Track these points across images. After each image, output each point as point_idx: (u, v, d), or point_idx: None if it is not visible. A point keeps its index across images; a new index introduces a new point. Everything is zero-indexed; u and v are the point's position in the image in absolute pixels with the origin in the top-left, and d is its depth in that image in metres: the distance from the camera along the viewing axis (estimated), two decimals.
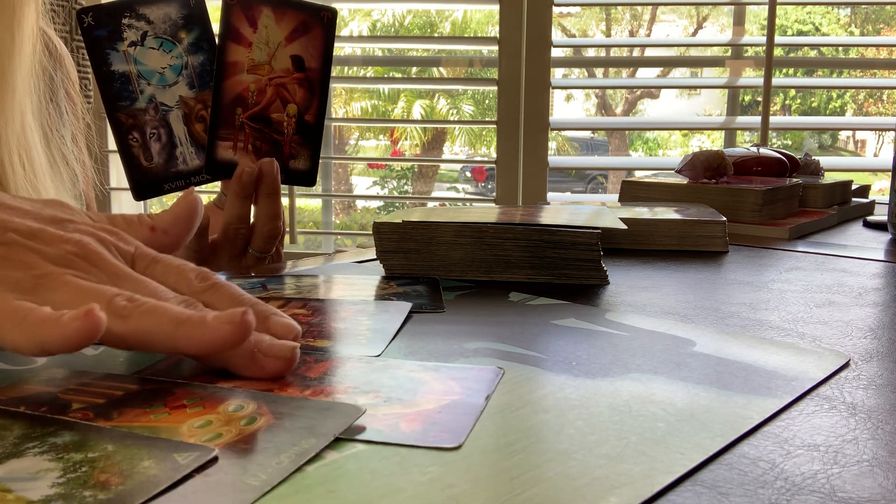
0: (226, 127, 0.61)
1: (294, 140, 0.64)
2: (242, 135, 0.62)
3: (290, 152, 0.64)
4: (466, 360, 0.38)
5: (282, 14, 0.61)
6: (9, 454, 0.26)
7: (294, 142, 0.64)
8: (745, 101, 6.78)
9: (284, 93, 0.62)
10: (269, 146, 0.63)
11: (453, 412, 0.31)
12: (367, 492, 0.25)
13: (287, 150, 0.64)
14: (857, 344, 0.42)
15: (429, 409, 0.32)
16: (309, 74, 0.63)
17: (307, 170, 0.65)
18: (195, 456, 0.26)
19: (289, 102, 0.63)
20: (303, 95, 0.63)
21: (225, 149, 0.61)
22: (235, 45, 0.61)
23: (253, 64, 0.61)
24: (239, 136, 0.62)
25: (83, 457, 0.26)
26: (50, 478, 0.25)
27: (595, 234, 0.54)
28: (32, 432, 0.28)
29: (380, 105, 9.25)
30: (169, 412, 0.30)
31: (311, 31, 0.62)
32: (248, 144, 0.62)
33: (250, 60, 0.61)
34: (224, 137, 0.61)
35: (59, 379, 0.34)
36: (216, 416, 0.30)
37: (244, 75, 0.61)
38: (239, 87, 0.61)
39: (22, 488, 0.24)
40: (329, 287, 0.54)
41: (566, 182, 9.88)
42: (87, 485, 0.24)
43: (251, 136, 0.62)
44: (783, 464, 0.27)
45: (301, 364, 0.36)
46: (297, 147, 0.64)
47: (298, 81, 0.63)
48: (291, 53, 0.62)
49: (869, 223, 0.90)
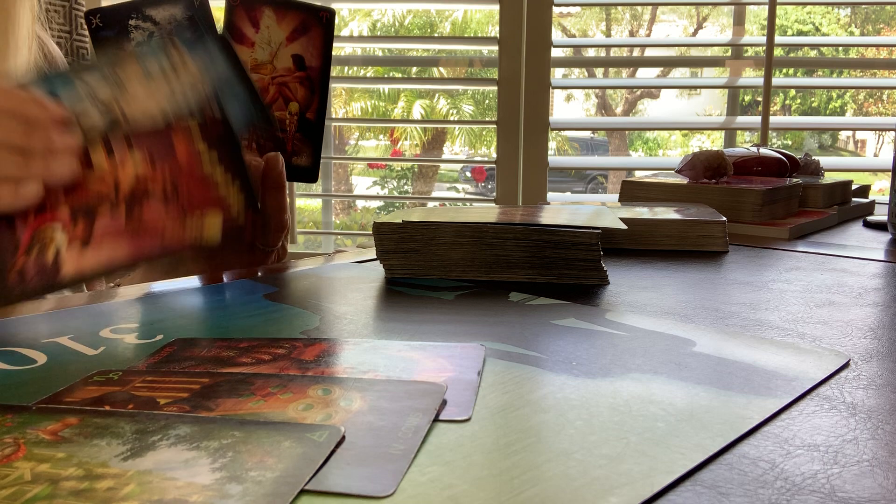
0: None
1: (296, 137, 0.64)
2: None
3: (293, 149, 0.65)
4: None
5: (283, 14, 0.62)
6: (142, 448, 0.27)
7: (296, 139, 0.64)
8: (745, 101, 6.78)
9: (286, 91, 0.63)
10: (272, 144, 0.64)
11: (454, 388, 0.33)
12: None
13: (290, 148, 0.64)
14: (857, 344, 0.42)
15: None
16: (309, 73, 0.64)
17: (309, 166, 0.66)
18: (327, 434, 0.27)
19: (290, 100, 0.64)
20: (304, 93, 0.64)
21: None
22: (239, 44, 0.61)
23: (256, 63, 0.62)
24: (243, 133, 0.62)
25: (219, 444, 0.27)
26: (203, 464, 0.25)
27: (595, 234, 0.54)
28: (146, 428, 0.28)
29: (380, 105, 9.25)
30: (263, 399, 0.31)
31: (311, 30, 0.63)
32: (252, 142, 0.63)
33: (253, 60, 0.62)
34: None
35: (115, 379, 0.34)
36: (313, 400, 0.31)
37: None
38: None
39: (183, 475, 0.25)
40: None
41: (566, 182, 9.88)
42: (246, 467, 0.25)
43: (255, 134, 0.63)
44: (783, 464, 0.27)
45: (293, 349, 0.37)
46: (299, 144, 0.65)
47: (300, 80, 0.64)
48: (292, 53, 0.63)
49: (869, 223, 0.90)
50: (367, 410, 0.30)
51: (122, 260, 0.47)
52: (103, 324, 0.43)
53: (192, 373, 0.35)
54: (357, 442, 0.27)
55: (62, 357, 0.37)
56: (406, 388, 0.32)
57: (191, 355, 0.37)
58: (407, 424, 0.29)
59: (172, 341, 0.40)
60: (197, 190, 0.48)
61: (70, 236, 0.45)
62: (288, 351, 0.37)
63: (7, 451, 0.26)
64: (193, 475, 0.25)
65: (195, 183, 0.48)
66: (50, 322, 0.44)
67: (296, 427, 0.28)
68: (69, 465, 0.25)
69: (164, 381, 0.34)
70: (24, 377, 0.34)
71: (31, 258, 0.45)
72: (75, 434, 0.28)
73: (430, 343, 0.39)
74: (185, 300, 0.50)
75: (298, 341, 0.39)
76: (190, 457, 0.26)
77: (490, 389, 0.34)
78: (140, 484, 0.24)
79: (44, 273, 0.45)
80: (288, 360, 0.36)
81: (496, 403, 0.32)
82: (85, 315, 0.46)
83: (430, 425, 0.29)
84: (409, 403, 0.31)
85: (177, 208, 0.48)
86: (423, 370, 0.35)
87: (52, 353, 0.38)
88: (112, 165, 0.46)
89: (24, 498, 0.23)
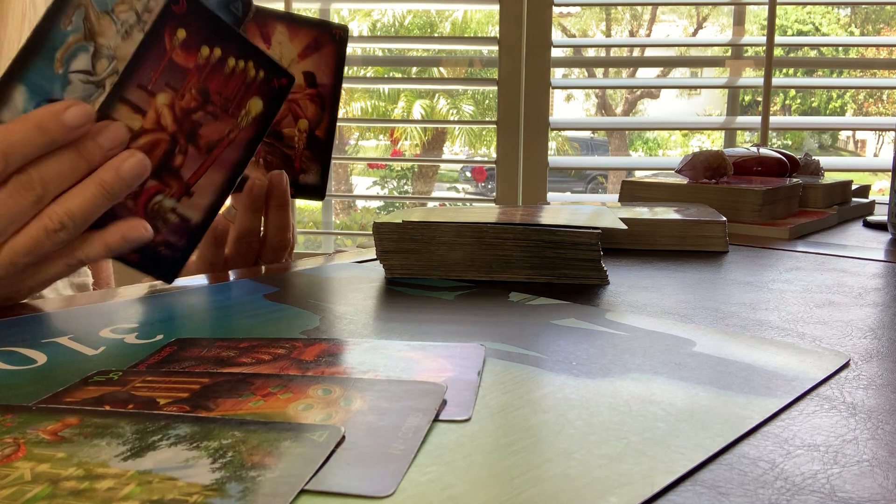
0: None
1: (304, 155, 0.64)
2: None
3: (301, 166, 0.64)
4: None
5: (295, 31, 0.62)
6: (143, 448, 0.27)
7: (304, 156, 0.64)
8: (745, 101, 6.78)
9: (296, 108, 0.63)
10: (280, 160, 0.63)
11: (454, 388, 0.33)
12: None
13: (297, 165, 0.64)
14: (857, 344, 0.42)
15: None
16: (320, 90, 0.63)
17: (316, 184, 0.65)
18: (327, 434, 0.27)
19: (300, 118, 0.63)
20: (314, 111, 0.63)
21: None
22: None
23: None
24: None
25: (218, 444, 0.27)
26: (203, 464, 0.25)
27: (595, 234, 0.54)
28: (146, 427, 0.28)
29: (380, 105, 9.25)
30: (263, 399, 0.31)
31: (324, 48, 0.63)
32: (260, 158, 0.62)
33: None
34: None
35: (115, 379, 0.34)
36: (313, 400, 0.31)
37: None
38: None
39: (183, 475, 0.25)
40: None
41: (566, 182, 9.89)
42: (246, 467, 0.25)
43: (263, 150, 0.62)
44: (783, 464, 0.27)
45: (293, 349, 0.37)
46: (308, 162, 0.64)
47: (310, 97, 0.63)
48: (304, 70, 0.62)
49: (869, 223, 0.90)
50: (367, 410, 0.30)
51: (225, 178, 0.51)
52: (103, 324, 0.43)
53: (192, 373, 0.35)
54: (357, 442, 0.27)
55: (62, 357, 0.37)
56: (406, 388, 0.32)
57: (191, 355, 0.37)
58: (407, 424, 0.29)
59: (172, 341, 0.40)
60: (226, 90, 0.50)
61: (173, 194, 0.50)
62: (288, 351, 0.37)
63: (7, 451, 0.26)
64: (193, 475, 0.25)
65: (219, 84, 0.49)
66: (50, 322, 0.44)
67: (296, 427, 0.28)
68: (69, 465, 0.25)
69: (164, 381, 0.34)
70: (24, 377, 0.34)
71: (165, 233, 0.50)
72: (75, 434, 0.28)
73: (430, 343, 0.39)
74: (186, 300, 0.50)
75: (298, 341, 0.39)
76: (190, 457, 0.26)
77: (490, 389, 0.34)
78: (140, 484, 0.24)
79: (184, 232, 0.50)
80: (288, 360, 0.36)
81: (496, 403, 0.32)
82: (85, 315, 0.46)
83: (430, 425, 0.29)
84: (409, 403, 0.31)
85: (224, 115, 0.50)
86: (423, 370, 0.35)
87: (52, 353, 0.38)
88: (145, 116, 0.48)
89: (24, 498, 0.23)
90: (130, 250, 0.49)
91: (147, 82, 0.47)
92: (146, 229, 0.48)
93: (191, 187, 0.50)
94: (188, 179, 0.50)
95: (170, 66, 0.48)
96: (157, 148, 0.48)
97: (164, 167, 0.49)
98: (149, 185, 0.49)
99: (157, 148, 0.48)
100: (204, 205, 0.51)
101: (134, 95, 0.47)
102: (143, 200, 0.49)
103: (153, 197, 0.49)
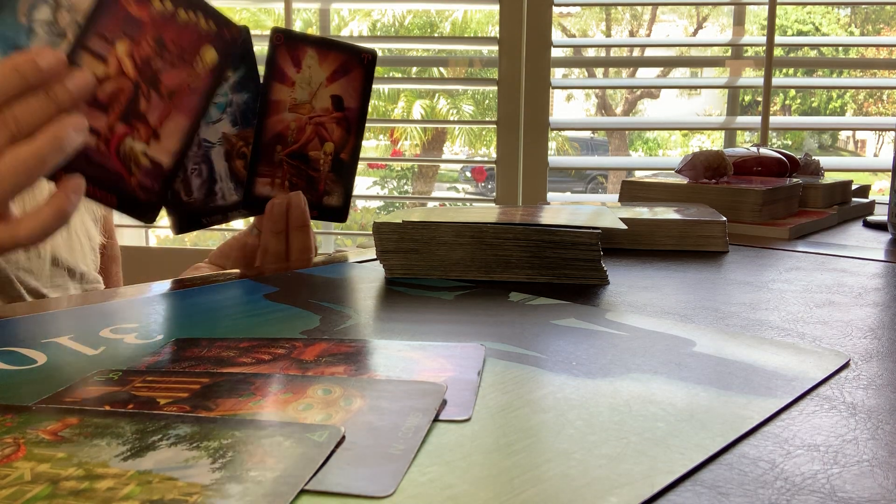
0: (265, 163, 0.62)
1: (329, 177, 0.64)
2: (280, 171, 0.63)
3: (325, 189, 0.65)
4: None
5: (325, 55, 0.62)
6: (143, 448, 0.27)
7: (329, 179, 0.65)
8: (745, 101, 6.78)
9: (322, 131, 0.63)
10: (305, 182, 0.64)
11: (454, 388, 0.33)
12: None
13: (321, 187, 0.64)
14: (857, 344, 0.42)
15: None
16: (347, 114, 0.64)
17: (340, 206, 0.66)
18: (327, 433, 0.27)
19: (326, 140, 0.64)
20: (340, 134, 0.64)
21: (263, 185, 0.62)
22: (279, 84, 0.61)
23: (294, 103, 0.62)
24: (277, 172, 0.63)
25: (218, 444, 0.27)
26: (203, 464, 0.25)
27: (595, 234, 0.54)
28: (146, 427, 0.28)
29: (380, 105, 9.25)
30: (263, 399, 0.31)
31: (352, 72, 0.63)
32: (285, 181, 0.63)
33: (292, 99, 0.62)
34: (263, 174, 0.62)
35: (115, 379, 0.34)
36: (313, 400, 0.31)
37: (286, 114, 0.62)
38: (280, 125, 0.62)
39: (183, 475, 0.25)
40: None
41: (566, 182, 9.89)
42: (246, 467, 0.25)
43: (288, 172, 0.63)
44: (783, 464, 0.27)
45: (293, 349, 0.37)
46: (332, 184, 0.65)
47: (336, 120, 0.64)
48: (332, 93, 0.63)
49: (869, 223, 0.90)
50: (367, 410, 0.30)
51: (189, 124, 0.55)
52: (103, 324, 0.43)
53: (192, 373, 0.35)
54: (357, 442, 0.27)
55: (62, 357, 0.37)
56: (406, 388, 0.32)
57: (191, 355, 0.37)
58: (407, 424, 0.29)
59: (172, 341, 0.40)
60: (181, 40, 0.54)
61: (141, 138, 0.54)
62: (288, 351, 0.37)
63: (7, 451, 0.26)
64: (193, 475, 0.25)
65: (174, 34, 0.54)
66: (50, 322, 0.44)
67: (296, 427, 0.28)
68: (69, 465, 0.25)
69: (164, 381, 0.34)
70: (24, 377, 0.34)
71: (139, 176, 0.54)
72: (75, 434, 0.28)
73: (430, 343, 0.39)
74: (185, 300, 0.50)
75: (298, 341, 0.39)
76: (190, 456, 0.26)
77: (490, 389, 0.34)
78: (140, 484, 0.24)
79: (158, 174, 0.55)
80: (288, 360, 0.36)
81: (496, 403, 0.32)
82: (85, 315, 0.46)
83: (430, 425, 0.29)
84: (409, 403, 0.31)
85: (181, 62, 0.54)
86: (423, 370, 0.35)
87: (52, 353, 0.38)
88: (108, 63, 0.52)
89: (24, 498, 0.23)
90: (108, 192, 0.53)
91: (106, 31, 0.51)
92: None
93: (157, 131, 0.54)
94: (154, 124, 0.54)
95: (126, 17, 0.52)
96: (122, 94, 0.52)
97: (130, 112, 0.53)
98: (118, 130, 0.52)
99: (121, 94, 0.52)
100: (172, 149, 0.55)
101: (95, 44, 0.51)
102: (114, 144, 0.53)
103: (123, 140, 0.53)
